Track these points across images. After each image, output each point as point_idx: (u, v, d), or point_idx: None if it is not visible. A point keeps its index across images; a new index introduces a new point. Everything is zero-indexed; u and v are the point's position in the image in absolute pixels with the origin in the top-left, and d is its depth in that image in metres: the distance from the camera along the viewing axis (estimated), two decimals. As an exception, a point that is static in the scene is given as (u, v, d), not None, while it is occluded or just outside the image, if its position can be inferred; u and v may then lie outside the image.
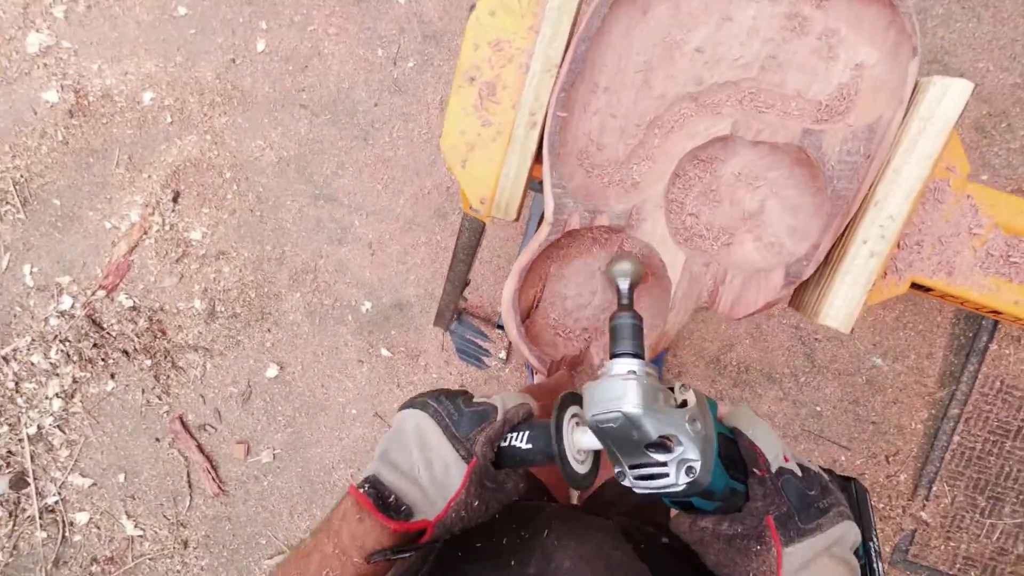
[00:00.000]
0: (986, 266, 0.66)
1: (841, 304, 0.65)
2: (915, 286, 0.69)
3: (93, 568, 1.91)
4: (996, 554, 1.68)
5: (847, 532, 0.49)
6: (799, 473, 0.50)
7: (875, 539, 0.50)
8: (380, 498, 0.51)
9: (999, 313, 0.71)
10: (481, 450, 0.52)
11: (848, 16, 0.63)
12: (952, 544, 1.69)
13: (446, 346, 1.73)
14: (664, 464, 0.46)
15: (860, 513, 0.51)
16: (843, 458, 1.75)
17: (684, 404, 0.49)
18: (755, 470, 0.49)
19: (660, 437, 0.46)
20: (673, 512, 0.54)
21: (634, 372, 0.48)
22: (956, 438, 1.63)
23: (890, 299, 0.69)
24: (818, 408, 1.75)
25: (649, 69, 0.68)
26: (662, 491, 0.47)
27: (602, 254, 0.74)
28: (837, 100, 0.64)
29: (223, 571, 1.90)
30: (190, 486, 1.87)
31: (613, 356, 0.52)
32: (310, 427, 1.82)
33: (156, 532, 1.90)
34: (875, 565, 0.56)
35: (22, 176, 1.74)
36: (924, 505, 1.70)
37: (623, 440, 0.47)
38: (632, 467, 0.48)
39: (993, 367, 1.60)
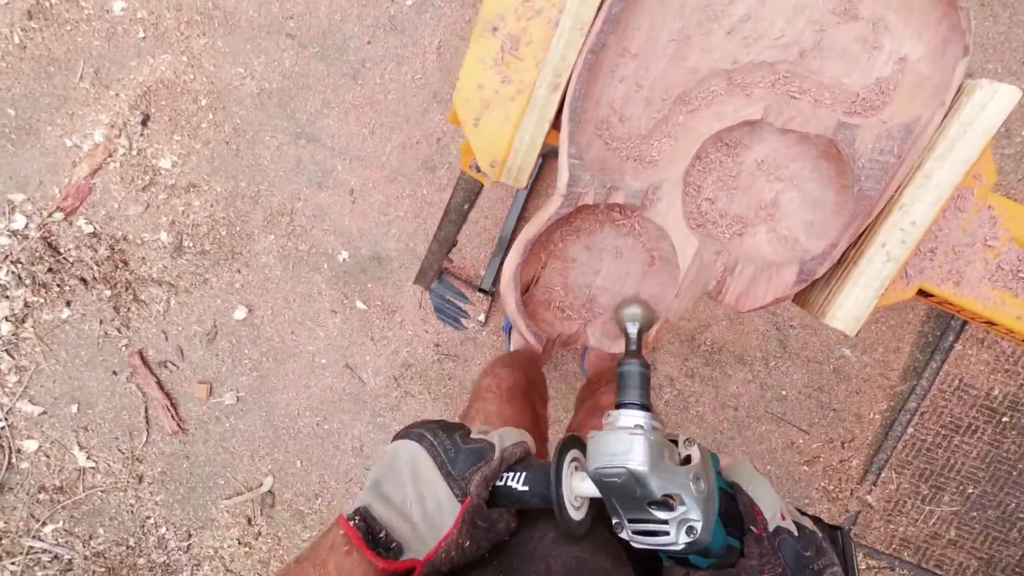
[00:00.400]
0: (995, 279, 0.66)
1: (851, 306, 0.63)
2: (922, 293, 0.69)
3: (40, 496, 1.86)
4: (929, 538, 1.78)
5: None
6: (795, 533, 0.50)
7: None
8: (370, 532, 0.50)
9: (993, 324, 0.71)
10: (476, 490, 0.51)
11: (899, 4, 0.59)
12: (891, 527, 1.79)
13: (424, 304, 1.69)
14: (665, 522, 0.45)
15: (846, 566, 0.52)
16: (801, 441, 1.81)
17: (688, 459, 0.48)
18: (752, 528, 0.49)
19: (663, 495, 0.45)
20: (665, 563, 0.53)
21: (641, 427, 0.48)
22: (910, 430, 1.70)
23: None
24: (784, 392, 1.79)
25: (684, 39, 0.63)
26: (660, 548, 0.47)
27: (611, 233, 0.71)
28: (874, 93, 0.61)
29: (178, 508, 1.88)
30: (148, 422, 1.82)
31: (619, 406, 0.51)
32: (277, 372, 1.78)
33: (109, 465, 1.85)
34: None
35: (-29, 80, 1.59)
36: (871, 490, 1.78)
37: (625, 495, 0.46)
38: (631, 521, 0.47)
39: (954, 365, 1.65)
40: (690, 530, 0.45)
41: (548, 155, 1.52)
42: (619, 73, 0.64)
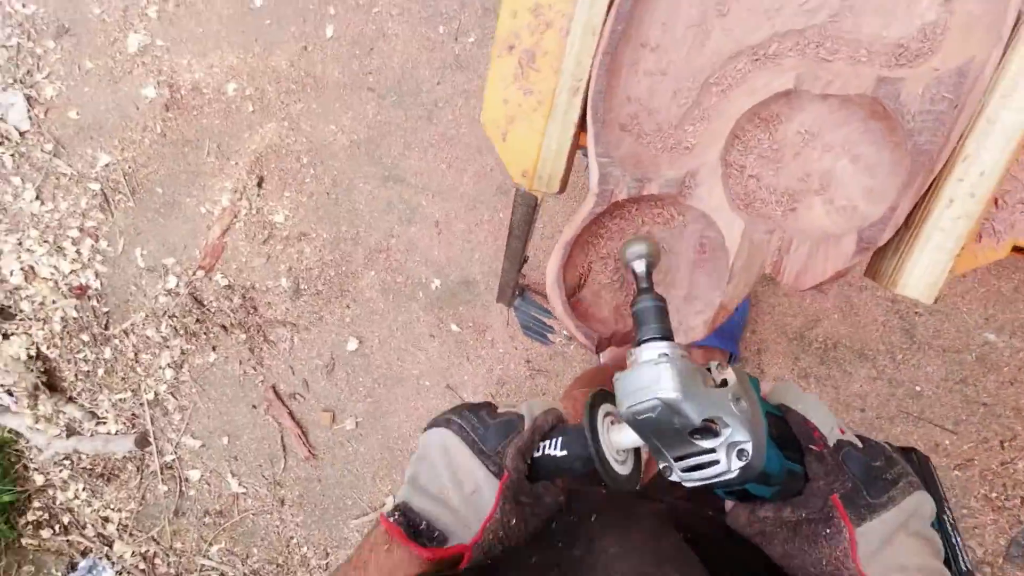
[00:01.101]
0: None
1: (923, 272, 0.58)
2: (1018, 249, 0.61)
3: (206, 519, 2.12)
4: None
5: (921, 503, 0.44)
6: (859, 444, 0.45)
7: (949, 511, 0.44)
8: (411, 526, 0.48)
9: None
10: (512, 463, 0.48)
11: (936, -58, 0.55)
12: (1080, 541, 1.51)
13: (511, 322, 1.74)
14: (712, 451, 0.42)
15: (928, 484, 0.45)
16: (947, 442, 1.60)
17: (724, 383, 0.45)
18: (811, 447, 0.45)
19: (704, 421, 0.42)
20: (728, 505, 0.50)
21: (666, 355, 0.44)
22: (1087, 423, 1.44)
23: (988, 265, 0.61)
24: (918, 388, 1.60)
25: (702, 23, 0.63)
26: (714, 481, 0.43)
27: (653, 227, 0.71)
28: (919, 41, 0.57)
29: (316, 528, 2.05)
30: (284, 449, 2.02)
31: (640, 343, 0.48)
32: (388, 397, 1.91)
33: (257, 490, 2.08)
34: (953, 539, 0.50)
35: (130, 167, 1.92)
36: (1046, 496, 1.53)
37: (664, 430, 0.43)
38: (678, 459, 0.44)
39: None
40: (741, 453, 0.41)
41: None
42: (641, 67, 0.65)
